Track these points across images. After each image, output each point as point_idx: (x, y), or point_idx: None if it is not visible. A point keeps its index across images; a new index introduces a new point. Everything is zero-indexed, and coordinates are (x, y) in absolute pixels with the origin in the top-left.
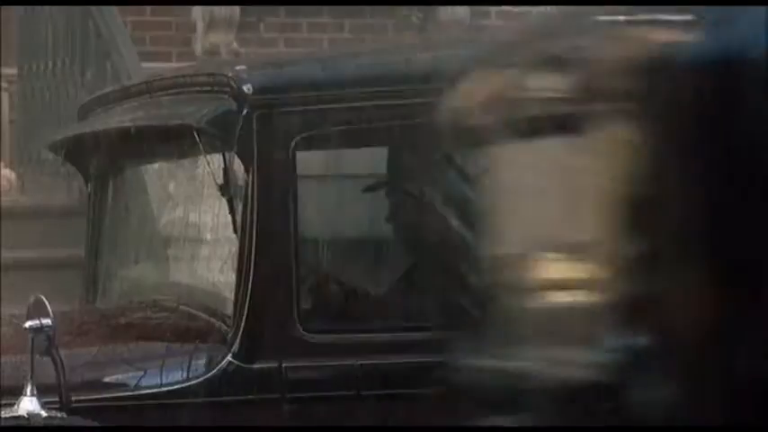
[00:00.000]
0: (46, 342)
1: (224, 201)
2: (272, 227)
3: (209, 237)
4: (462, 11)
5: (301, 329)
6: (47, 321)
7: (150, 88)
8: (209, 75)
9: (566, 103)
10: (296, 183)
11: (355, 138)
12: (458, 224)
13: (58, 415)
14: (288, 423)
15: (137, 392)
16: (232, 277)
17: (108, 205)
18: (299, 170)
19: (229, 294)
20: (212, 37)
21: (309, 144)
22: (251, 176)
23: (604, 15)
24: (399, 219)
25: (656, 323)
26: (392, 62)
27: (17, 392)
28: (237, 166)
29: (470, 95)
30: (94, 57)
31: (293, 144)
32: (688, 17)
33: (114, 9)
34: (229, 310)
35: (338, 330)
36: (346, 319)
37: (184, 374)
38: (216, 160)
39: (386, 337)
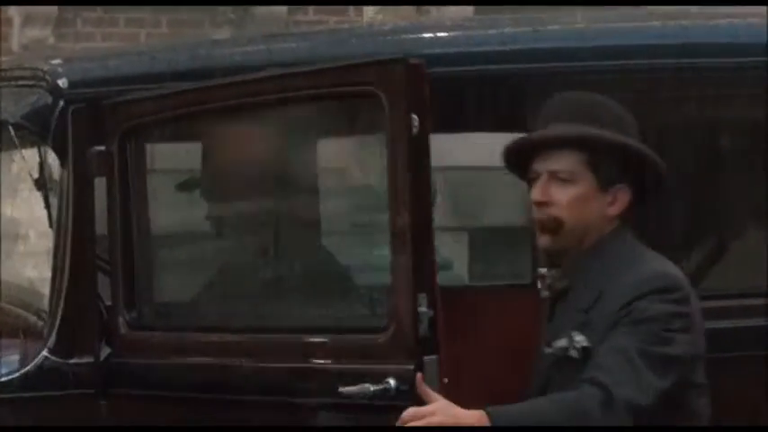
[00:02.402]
0: None
1: (40, 195)
2: (88, 221)
3: (25, 232)
4: (279, 7)
5: (119, 325)
6: None
7: None
8: (25, 69)
9: None
10: (113, 176)
11: (173, 132)
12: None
13: None
14: (105, 418)
15: None
16: (48, 272)
17: None
18: (116, 164)
19: (46, 290)
20: (29, 32)
21: (126, 138)
22: (66, 171)
23: None
24: (214, 215)
25: None
26: (210, 56)
27: None
28: (53, 160)
29: None
30: None
31: (109, 138)
32: None
33: None
34: (45, 305)
35: (156, 327)
36: (164, 315)
37: (1, 370)
38: (32, 155)
39: (201, 335)
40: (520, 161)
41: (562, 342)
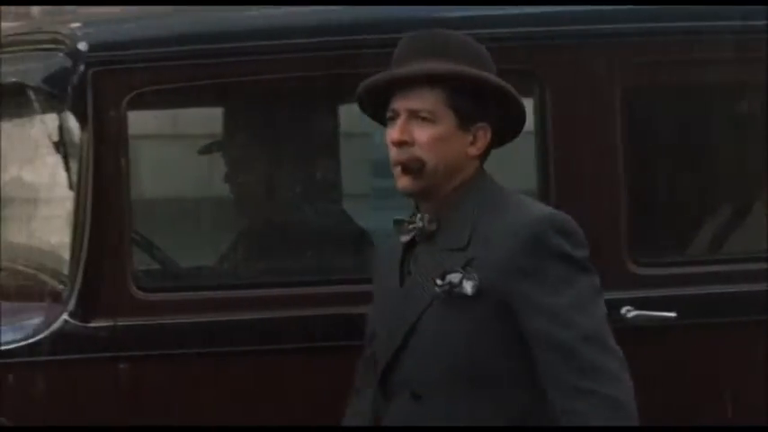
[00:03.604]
0: None
1: (59, 159)
2: (108, 185)
3: (45, 196)
4: None
5: (135, 288)
6: None
7: None
8: (44, 33)
9: None
10: (126, 141)
11: (193, 96)
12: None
13: None
14: (123, 382)
15: None
16: (68, 236)
17: None
18: (134, 129)
19: (65, 254)
20: None
21: (146, 102)
22: (86, 135)
23: None
24: (235, 179)
25: None
26: (231, 19)
27: None
28: (73, 124)
29: None
30: None
31: (129, 102)
32: None
33: None
34: (65, 269)
35: (171, 289)
36: (180, 277)
37: (21, 334)
38: (51, 118)
39: (219, 294)
40: (376, 100)
41: (453, 277)
